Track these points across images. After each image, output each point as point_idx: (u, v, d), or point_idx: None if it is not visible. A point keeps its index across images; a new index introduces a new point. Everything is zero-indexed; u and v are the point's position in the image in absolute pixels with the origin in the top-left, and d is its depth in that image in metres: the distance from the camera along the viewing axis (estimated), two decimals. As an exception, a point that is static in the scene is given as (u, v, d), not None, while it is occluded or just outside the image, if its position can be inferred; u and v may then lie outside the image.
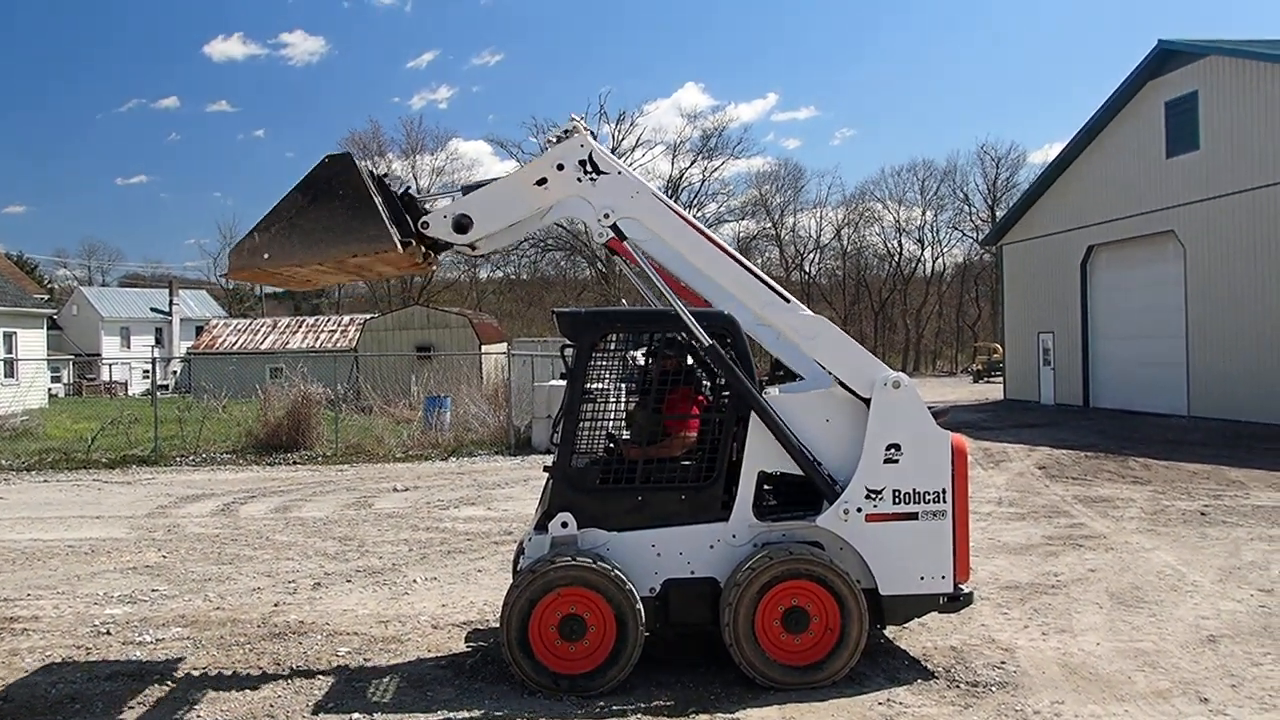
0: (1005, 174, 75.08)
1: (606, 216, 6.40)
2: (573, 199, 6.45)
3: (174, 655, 7.12)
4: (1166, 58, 26.22)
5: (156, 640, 7.51)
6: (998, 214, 65.51)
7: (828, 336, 6.48)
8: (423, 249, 6.48)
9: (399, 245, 6.07)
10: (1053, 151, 62.04)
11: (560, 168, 6.40)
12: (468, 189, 6.61)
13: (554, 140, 6.53)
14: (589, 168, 6.40)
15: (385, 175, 6.52)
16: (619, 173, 6.47)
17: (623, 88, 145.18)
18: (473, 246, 6.60)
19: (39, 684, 6.51)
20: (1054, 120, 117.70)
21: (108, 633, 7.75)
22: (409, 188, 6.67)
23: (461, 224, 6.39)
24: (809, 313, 6.55)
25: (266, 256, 6.07)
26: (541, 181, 6.42)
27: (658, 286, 6.51)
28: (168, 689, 6.39)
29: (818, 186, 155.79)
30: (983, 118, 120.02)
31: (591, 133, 6.53)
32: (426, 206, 6.58)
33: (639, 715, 5.76)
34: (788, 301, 6.51)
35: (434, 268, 7.15)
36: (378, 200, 6.11)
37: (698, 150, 75.24)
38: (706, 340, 6.32)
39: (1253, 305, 23.28)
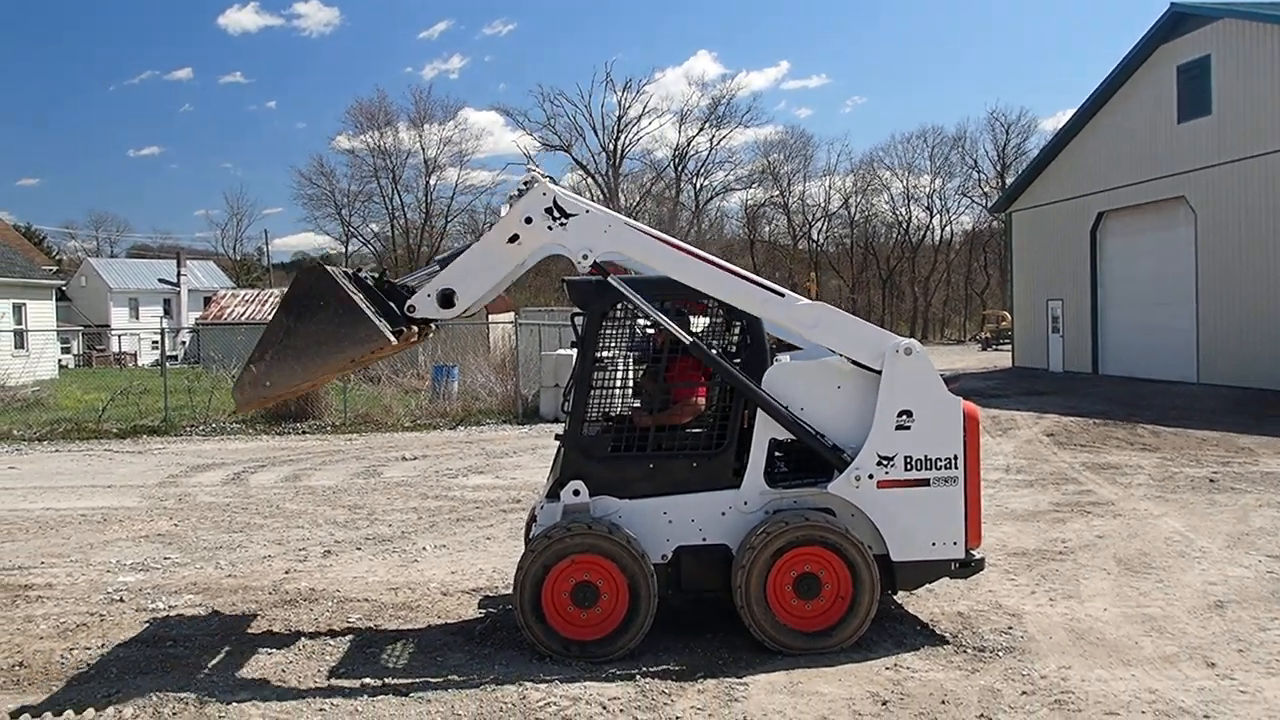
0: (1015, 140, 74.69)
1: (585, 257, 6.34)
2: (548, 246, 6.40)
3: (187, 622, 7.19)
4: (1178, 21, 25.92)
5: (169, 607, 7.58)
6: (1007, 181, 65.01)
7: (829, 320, 6.46)
8: (415, 329, 6.49)
9: (392, 339, 6.04)
10: (1064, 118, 61.45)
11: (529, 221, 6.33)
12: (443, 261, 6.53)
13: (516, 195, 6.47)
14: (556, 214, 6.33)
15: (359, 270, 6.51)
16: (587, 211, 6.39)
17: (636, 56, 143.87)
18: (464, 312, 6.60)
19: (54, 650, 6.58)
20: (1065, 86, 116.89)
21: (121, 600, 7.82)
22: (384, 272, 6.62)
23: (447, 298, 6.35)
24: (805, 301, 6.53)
25: (269, 384, 6.04)
26: (514, 239, 6.36)
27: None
28: (181, 655, 6.44)
29: (826, 154, 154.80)
30: (994, 84, 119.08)
31: (550, 178, 6.49)
32: (408, 286, 6.58)
33: (647, 680, 5.79)
34: (782, 296, 6.50)
35: (430, 336, 7.08)
36: (360, 300, 6.03)
37: (705, 118, 74.78)
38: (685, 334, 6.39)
39: (1264, 271, 23.14)
